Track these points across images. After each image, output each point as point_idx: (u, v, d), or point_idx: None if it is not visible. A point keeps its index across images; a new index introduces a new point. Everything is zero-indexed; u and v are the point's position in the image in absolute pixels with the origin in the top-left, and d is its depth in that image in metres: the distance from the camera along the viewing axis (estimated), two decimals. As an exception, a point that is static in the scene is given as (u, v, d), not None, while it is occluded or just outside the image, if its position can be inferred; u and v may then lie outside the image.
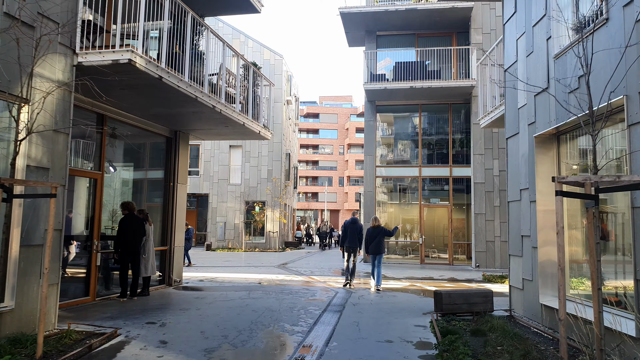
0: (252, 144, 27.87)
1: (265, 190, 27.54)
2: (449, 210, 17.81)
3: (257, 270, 15.25)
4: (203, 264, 17.83)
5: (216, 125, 10.36)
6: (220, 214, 27.63)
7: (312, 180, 74.53)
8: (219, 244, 27.29)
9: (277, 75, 28.28)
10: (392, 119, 19.33)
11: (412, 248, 18.27)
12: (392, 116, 19.35)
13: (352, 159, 71.17)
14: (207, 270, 15.02)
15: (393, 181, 18.83)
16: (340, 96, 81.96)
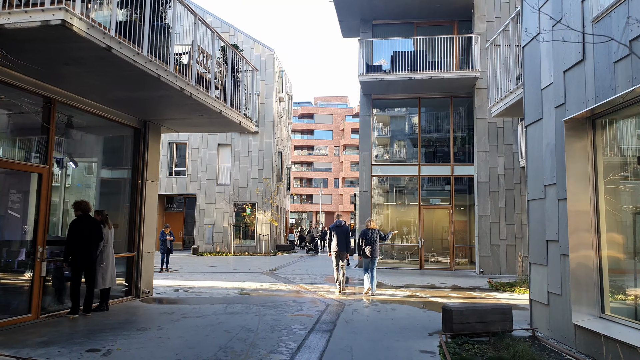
0: (242, 143, 26.54)
1: (255, 191, 26.20)
2: (450, 212, 16.54)
3: (242, 278, 13.91)
4: (185, 269, 16.47)
5: (189, 114, 9.04)
6: (208, 216, 26.26)
7: (307, 182, 73.23)
8: (207, 248, 25.92)
9: (269, 70, 26.99)
10: (389, 115, 18.06)
11: (410, 252, 16.98)
12: (389, 112, 18.08)
13: (347, 161, 69.93)
14: (188, 278, 13.67)
15: (390, 181, 17.55)
16: (335, 96, 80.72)
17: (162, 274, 15.05)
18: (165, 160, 26.58)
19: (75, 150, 8.75)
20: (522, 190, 15.43)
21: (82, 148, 9.02)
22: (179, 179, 26.51)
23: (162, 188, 26.40)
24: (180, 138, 26.63)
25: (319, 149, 73.67)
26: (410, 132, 17.52)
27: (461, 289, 12.13)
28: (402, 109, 17.84)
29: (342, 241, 10.51)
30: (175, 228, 28.20)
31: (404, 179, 17.36)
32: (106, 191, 9.55)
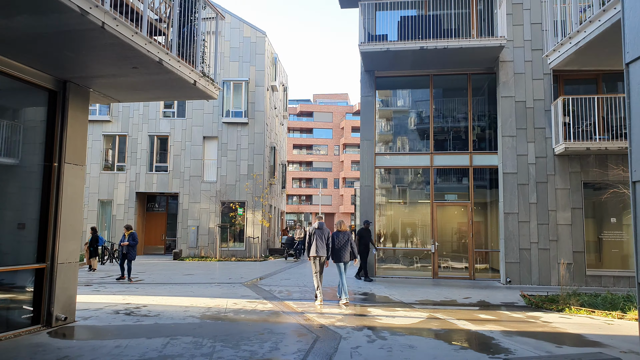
0: (230, 135, 23.87)
1: (244, 188, 23.53)
2: (468, 210, 13.85)
3: (215, 291, 11.22)
4: (154, 279, 13.80)
5: (118, 65, 6.36)
6: (192, 216, 23.60)
7: (306, 182, 70.59)
8: (191, 252, 23.24)
9: (259, 54, 24.35)
10: (396, 95, 15.36)
11: (420, 257, 14.29)
12: (395, 92, 15.38)
13: (347, 160, 67.27)
14: (148, 291, 10.99)
15: (397, 173, 14.86)
16: (335, 94, 78.11)
17: (121, 284, 12.37)
18: (144, 154, 23.93)
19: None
20: (556, 183, 12.74)
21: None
22: (160, 176, 23.86)
23: (141, 185, 23.76)
24: (161, 130, 23.99)
25: (319, 148, 71.04)
26: (420, 116, 14.83)
27: (491, 306, 9.44)
28: (411, 89, 15.15)
29: (323, 245, 9.68)
30: (156, 230, 25.55)
31: (414, 171, 14.66)
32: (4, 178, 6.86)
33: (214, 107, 24.04)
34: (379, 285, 12.32)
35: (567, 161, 12.77)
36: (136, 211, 23.89)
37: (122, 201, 23.77)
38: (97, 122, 24.04)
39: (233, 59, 24.31)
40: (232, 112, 23.95)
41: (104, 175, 23.92)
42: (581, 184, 12.65)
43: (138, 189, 23.80)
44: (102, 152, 24.01)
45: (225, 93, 23.98)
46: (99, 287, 12.12)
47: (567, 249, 12.51)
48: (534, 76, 13.18)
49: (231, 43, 24.41)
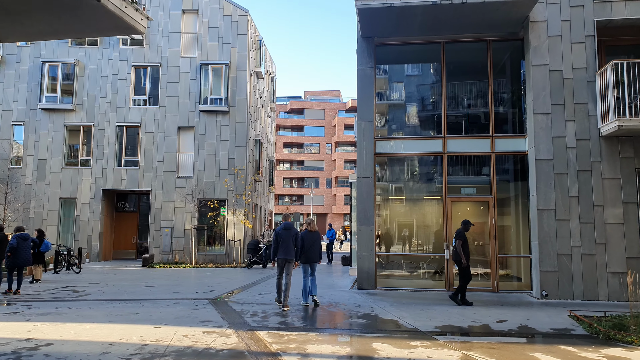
0: (209, 125, 21.14)
1: (223, 184, 20.81)
2: (490, 206, 11.27)
3: (167, 314, 8.53)
4: (104, 292, 11.05)
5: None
6: (166, 217, 20.83)
7: (297, 181, 67.90)
8: (164, 257, 20.47)
9: (241, 35, 21.66)
10: (400, 68, 12.73)
11: (429, 264, 11.68)
12: (398, 65, 12.74)
13: (340, 158, 64.69)
14: (82, 312, 8.27)
15: (402, 163, 12.24)
16: (327, 91, 75.50)
17: (49, 302, 9.60)
18: (112, 147, 21.13)
19: None
20: (603, 171, 10.20)
21: None
22: (130, 171, 21.07)
23: (108, 182, 20.95)
24: (131, 120, 21.20)
25: (310, 146, 68.39)
26: (430, 93, 12.22)
27: (540, 336, 6.84)
28: (419, 60, 12.53)
29: (290, 246, 9.23)
30: (127, 232, 22.73)
31: (422, 159, 12.05)
32: None
33: (190, 94, 21.32)
34: (382, 302, 9.69)
35: (617, 144, 10.22)
36: (103, 211, 21.07)
37: (87, 200, 20.94)
38: (59, 111, 21.19)
39: (212, 40, 21.61)
40: (211, 99, 21.23)
41: (66, 171, 21.07)
42: (636, 172, 10.11)
43: (105, 186, 20.99)
44: (64, 145, 21.16)
45: (203, 78, 21.26)
46: (20, 307, 9.37)
47: (618, 254, 9.96)
48: (574, 39, 10.64)
49: (210, 22, 21.70)
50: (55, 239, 20.49)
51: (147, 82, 21.61)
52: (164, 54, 21.55)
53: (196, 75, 21.39)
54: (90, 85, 21.37)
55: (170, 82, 21.40)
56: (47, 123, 21.15)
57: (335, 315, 8.45)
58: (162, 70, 21.46)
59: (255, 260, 18.49)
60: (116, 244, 22.59)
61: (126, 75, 21.43)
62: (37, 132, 21.11)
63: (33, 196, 20.79)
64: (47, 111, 21.13)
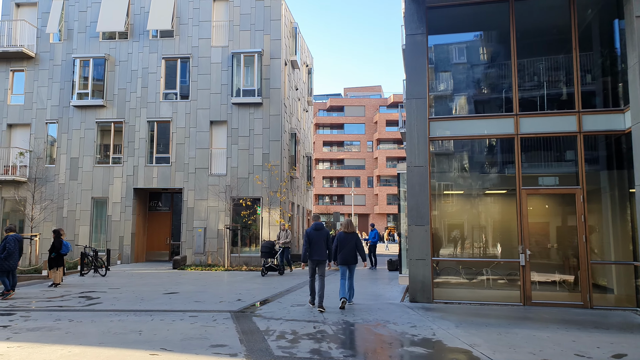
0: (241, 119, 19.71)
1: (255, 180, 19.30)
2: (578, 199, 9.03)
3: (175, 333, 6.93)
4: (118, 300, 9.67)
5: None
6: (199, 216, 19.56)
7: (337, 181, 66.08)
8: (197, 259, 19.19)
9: (275, 21, 20.11)
10: (457, 35, 10.64)
11: (496, 271, 9.54)
12: (456, 31, 10.66)
13: (382, 156, 62.33)
14: (76, 329, 6.82)
15: (462, 147, 10.17)
16: (367, 87, 73.25)
17: (49, 314, 8.23)
18: (143, 144, 20.09)
19: None
20: None
21: None
22: (161, 169, 19.96)
23: (139, 180, 19.92)
24: (162, 115, 20.09)
25: (350, 144, 66.41)
26: (496, 62, 10.09)
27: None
28: (480, 23, 10.41)
29: (322, 247, 8.91)
30: (160, 233, 21.68)
31: (488, 143, 9.94)
32: None
33: (221, 85, 19.98)
34: (444, 322, 7.70)
35: None
36: (135, 210, 20.06)
37: (119, 199, 19.98)
38: (90, 107, 20.37)
39: (244, 28, 20.18)
40: (243, 90, 19.78)
41: (98, 169, 20.21)
42: None
43: (136, 185, 19.97)
44: (95, 142, 20.31)
45: (234, 69, 19.85)
46: (17, 319, 8.05)
47: None
48: (690, -18, 8.26)
49: (241, 8, 20.29)
50: (87, 239, 19.65)
51: (177, 74, 20.46)
52: (194, 45, 20.32)
53: (228, 65, 20.02)
54: (120, 80, 20.43)
55: (201, 73, 20.14)
56: (79, 120, 20.38)
57: (385, 340, 6.57)
58: (192, 61, 20.24)
59: (270, 265, 15.68)
60: (149, 244, 21.59)
61: (156, 69, 20.35)
62: (69, 129, 20.37)
63: (66, 195, 20.04)
64: (78, 108, 20.36)
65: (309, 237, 8.94)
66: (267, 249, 15.68)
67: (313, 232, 8.96)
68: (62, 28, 20.72)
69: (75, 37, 20.68)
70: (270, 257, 15.72)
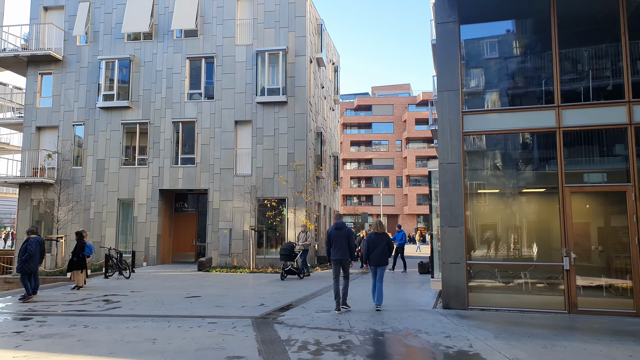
0: (266, 118, 19.37)
1: (280, 180, 18.91)
2: (629, 197, 8.19)
3: (190, 341, 6.54)
4: (138, 303, 9.42)
5: None
6: (224, 217, 19.31)
7: (366, 181, 65.26)
8: (222, 260, 18.95)
9: (299, 17, 19.69)
10: (492, 22, 9.91)
11: (534, 273, 8.77)
12: (489, 16, 9.93)
13: (411, 156, 61.18)
14: (89, 336, 6.53)
15: (497, 142, 9.44)
16: (395, 85, 72.13)
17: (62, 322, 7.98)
18: (168, 144, 19.99)
19: None
20: None
21: None
22: (187, 169, 19.81)
23: (165, 181, 19.82)
24: (187, 115, 19.95)
25: (379, 144, 65.49)
26: (535, 52, 9.32)
27: None
28: (517, 9, 9.65)
29: (343, 246, 8.75)
30: (186, 234, 21.57)
31: (526, 137, 9.18)
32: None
33: (246, 85, 19.68)
34: (481, 331, 7.04)
35: None
36: (160, 212, 19.98)
37: (144, 200, 19.94)
38: (116, 109, 20.41)
39: (268, 25, 19.83)
40: (268, 89, 19.43)
41: (123, 170, 20.22)
42: None
43: (162, 186, 19.88)
44: (121, 144, 20.35)
45: (259, 67, 19.52)
46: (31, 324, 7.84)
47: None
48: None
49: (265, 5, 19.95)
50: (114, 241, 19.68)
51: (202, 74, 20.28)
52: (218, 44, 20.10)
53: (252, 64, 19.71)
54: (145, 81, 20.40)
55: (226, 73, 19.90)
56: (105, 122, 20.46)
57: (417, 352, 5.98)
58: (217, 61, 20.03)
59: (290, 269, 14.78)
60: (175, 246, 21.51)
61: (181, 69, 20.23)
62: (96, 131, 20.47)
63: (93, 197, 20.13)
64: (104, 109, 20.44)
65: (330, 236, 8.89)
66: (286, 251, 14.83)
67: (334, 232, 8.87)
68: (88, 30, 20.87)
69: (101, 39, 20.79)
70: (289, 260, 14.82)
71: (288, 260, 14.81)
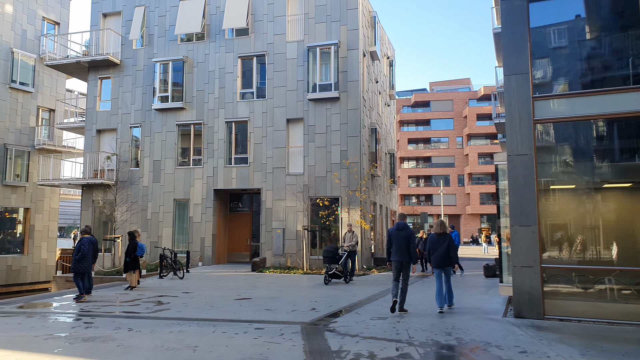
0: (318, 115, 18.85)
1: (333, 178, 18.29)
2: None
3: (233, 350, 6.05)
4: (187, 306, 9.17)
5: None
6: (277, 217, 19.00)
7: (425, 180, 63.35)
8: (276, 261, 18.64)
9: (351, 10, 18.99)
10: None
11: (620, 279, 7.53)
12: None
13: (473, 152, 58.60)
14: (129, 341, 6.20)
15: (573, 130, 8.26)
16: (455, 80, 69.53)
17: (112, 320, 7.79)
18: (222, 144, 19.97)
19: None
20: None
21: None
22: (240, 169, 19.69)
23: (219, 181, 19.83)
24: (239, 114, 19.83)
25: (438, 141, 63.33)
26: (618, 26, 8.07)
27: None
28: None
29: (403, 247, 8.41)
30: (241, 234, 21.50)
31: (609, 125, 7.95)
32: None
33: (297, 82, 19.26)
34: (563, 347, 6.03)
35: None
36: (215, 212, 20.01)
37: (199, 200, 20.05)
38: (171, 110, 20.68)
39: (319, 20, 19.29)
40: (319, 85, 18.89)
41: (179, 171, 20.45)
42: None
43: (216, 186, 19.90)
44: (176, 144, 20.59)
45: (310, 63, 19.03)
46: (78, 326, 7.72)
47: None
48: None
49: (316, 0, 19.42)
50: (170, 241, 19.94)
51: (253, 73, 20.11)
52: (269, 41, 19.83)
53: (303, 60, 19.26)
54: (198, 82, 20.53)
55: (277, 70, 19.58)
56: (160, 123, 20.80)
57: (486, 372, 5.12)
58: (268, 59, 19.76)
59: (334, 272, 13.62)
60: (230, 246, 21.51)
61: (233, 68, 20.15)
62: (152, 133, 20.85)
63: (150, 197, 20.52)
64: (160, 111, 20.77)
65: (390, 236, 8.67)
66: (329, 253, 13.73)
67: (395, 232, 8.61)
68: (143, 34, 21.32)
69: (156, 41, 21.16)
70: (333, 262, 13.69)
71: (332, 263, 13.71)
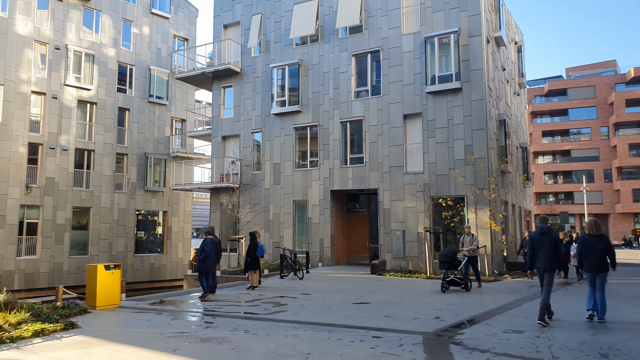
0: (438, 108, 17.64)
1: (455, 176, 16.85)
2: None
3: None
4: (304, 308, 8.96)
5: None
6: (396, 217, 18.18)
7: (564, 176, 56.95)
8: (396, 264, 17.83)
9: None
10: None
11: None
12: None
13: (622, 143, 51.11)
14: (244, 344, 6.03)
15: None
16: (596, 63, 61.38)
17: (230, 320, 7.77)
18: (337, 145, 19.78)
19: None
20: None
21: None
22: (356, 169, 19.30)
23: (335, 182, 19.67)
24: (354, 114, 19.46)
25: (578, 133, 56.52)
26: None
27: None
28: None
29: (549, 253, 7.83)
30: (359, 235, 21.06)
31: None
32: None
33: (414, 75, 18.26)
34: None
35: None
36: (332, 212, 19.87)
37: (317, 201, 20.08)
38: (288, 114, 21.08)
39: (436, 8, 18.09)
40: (439, 77, 17.65)
41: (297, 173, 20.72)
42: None
43: (332, 187, 19.76)
44: (294, 147, 20.92)
45: (428, 55, 17.91)
46: (199, 325, 7.83)
47: None
48: None
49: (434, -12, 18.22)
50: (291, 241, 20.26)
51: (368, 70, 19.57)
52: (383, 36, 19.13)
53: (420, 52, 18.19)
54: (313, 84, 20.61)
55: (392, 65, 18.78)
56: (279, 127, 21.30)
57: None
58: (382, 54, 19.07)
59: (452, 279, 12.15)
60: (349, 247, 21.19)
61: (347, 67, 19.85)
62: (271, 137, 21.45)
63: (271, 199, 21.11)
64: (278, 116, 21.29)
65: (532, 242, 8.15)
66: (446, 258, 12.21)
67: (537, 237, 8.10)
68: (261, 41, 22.08)
69: (272, 47, 21.75)
70: (452, 268, 12.22)
71: (450, 269, 12.23)
